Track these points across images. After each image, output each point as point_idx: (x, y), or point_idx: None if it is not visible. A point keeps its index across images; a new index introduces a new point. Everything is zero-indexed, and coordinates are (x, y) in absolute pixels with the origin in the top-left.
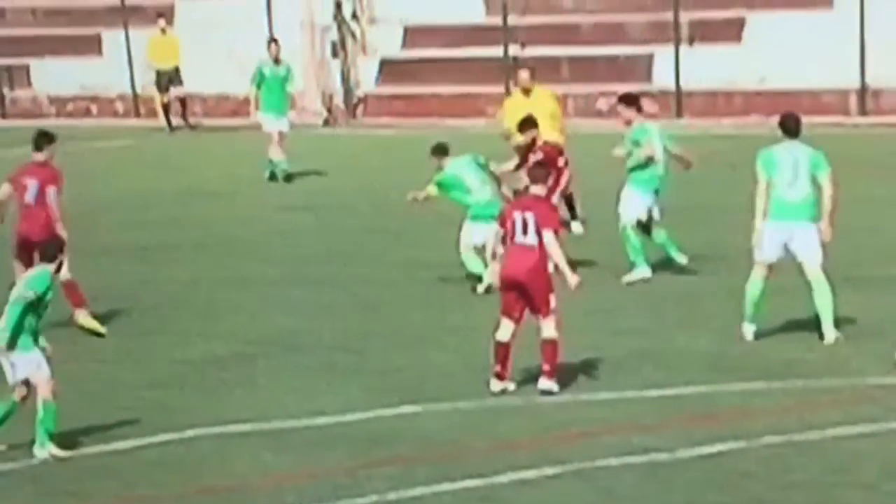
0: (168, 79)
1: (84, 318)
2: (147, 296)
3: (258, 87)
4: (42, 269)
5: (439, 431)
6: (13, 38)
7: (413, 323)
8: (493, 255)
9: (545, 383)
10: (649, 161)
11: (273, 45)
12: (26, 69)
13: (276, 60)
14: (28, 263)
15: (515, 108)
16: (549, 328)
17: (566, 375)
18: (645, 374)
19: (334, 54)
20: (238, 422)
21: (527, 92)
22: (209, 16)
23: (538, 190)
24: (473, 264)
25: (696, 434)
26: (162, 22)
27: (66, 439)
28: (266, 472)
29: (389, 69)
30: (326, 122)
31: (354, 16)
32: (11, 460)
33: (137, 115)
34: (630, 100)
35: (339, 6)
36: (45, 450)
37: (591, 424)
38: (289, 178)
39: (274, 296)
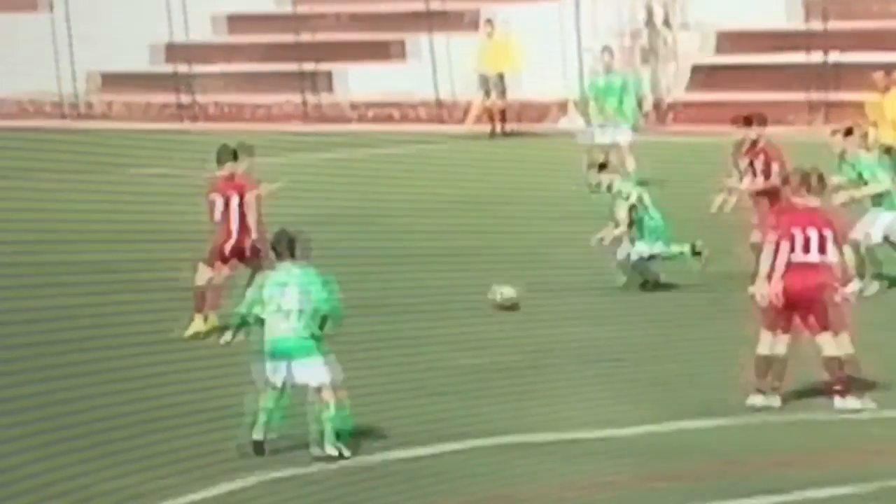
0: (492, 84)
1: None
2: (429, 302)
3: (594, 99)
4: (301, 268)
5: (724, 445)
6: (316, 44)
7: (698, 335)
8: None
9: (842, 402)
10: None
11: (605, 53)
12: (328, 74)
13: (608, 69)
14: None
15: (869, 110)
16: (830, 345)
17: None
18: None
19: (644, 60)
20: (516, 432)
21: (884, 92)
22: (515, 21)
23: (816, 202)
24: None
25: None
26: (488, 27)
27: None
28: (547, 483)
29: (700, 75)
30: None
31: (666, 21)
32: (291, 464)
33: (441, 120)
34: (849, 130)
35: (650, 12)
36: (333, 447)
37: (883, 442)
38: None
39: (554, 305)
